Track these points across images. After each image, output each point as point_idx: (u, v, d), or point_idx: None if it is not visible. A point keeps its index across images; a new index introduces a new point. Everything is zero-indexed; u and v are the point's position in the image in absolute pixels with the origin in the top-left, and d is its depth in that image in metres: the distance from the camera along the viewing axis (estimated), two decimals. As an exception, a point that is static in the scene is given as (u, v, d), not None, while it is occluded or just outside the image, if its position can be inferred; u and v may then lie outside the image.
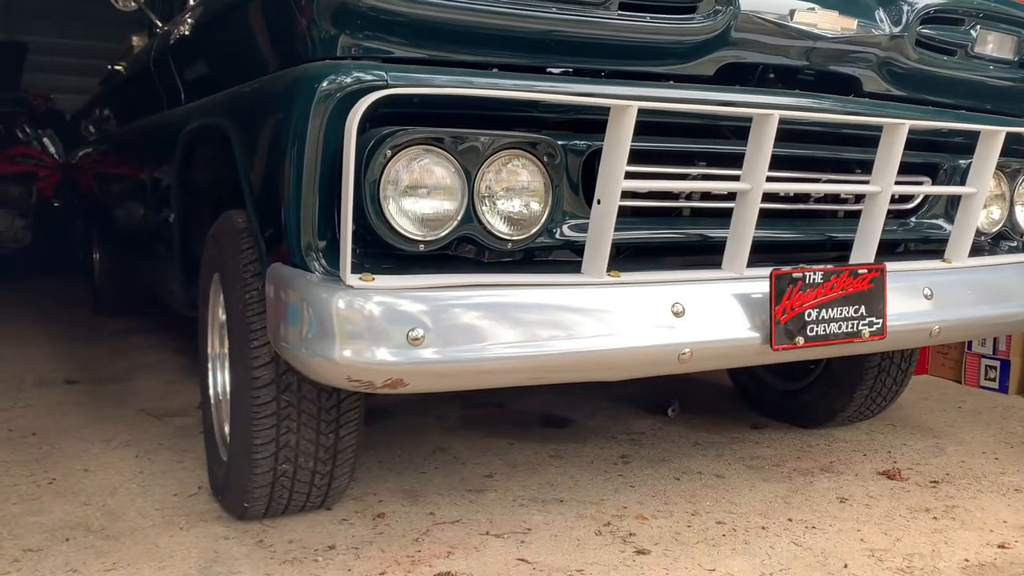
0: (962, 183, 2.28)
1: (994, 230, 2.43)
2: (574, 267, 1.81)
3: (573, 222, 1.86)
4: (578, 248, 1.83)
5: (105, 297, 5.08)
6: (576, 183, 1.85)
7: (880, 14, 2.13)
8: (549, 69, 1.84)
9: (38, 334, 4.65)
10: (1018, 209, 2.45)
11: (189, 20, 2.55)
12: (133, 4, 3.02)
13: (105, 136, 4.28)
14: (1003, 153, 2.23)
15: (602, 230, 1.74)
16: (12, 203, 6.44)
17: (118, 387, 3.53)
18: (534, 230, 1.76)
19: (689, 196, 2.01)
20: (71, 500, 2.33)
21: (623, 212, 1.78)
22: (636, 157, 1.77)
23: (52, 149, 6.67)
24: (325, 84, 1.60)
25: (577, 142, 1.82)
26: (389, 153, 1.60)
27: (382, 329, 1.58)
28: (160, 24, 2.99)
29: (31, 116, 7.05)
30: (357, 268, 1.62)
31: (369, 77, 1.61)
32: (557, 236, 1.85)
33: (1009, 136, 2.23)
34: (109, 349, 4.27)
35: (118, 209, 3.84)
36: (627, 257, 2.01)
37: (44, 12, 8.31)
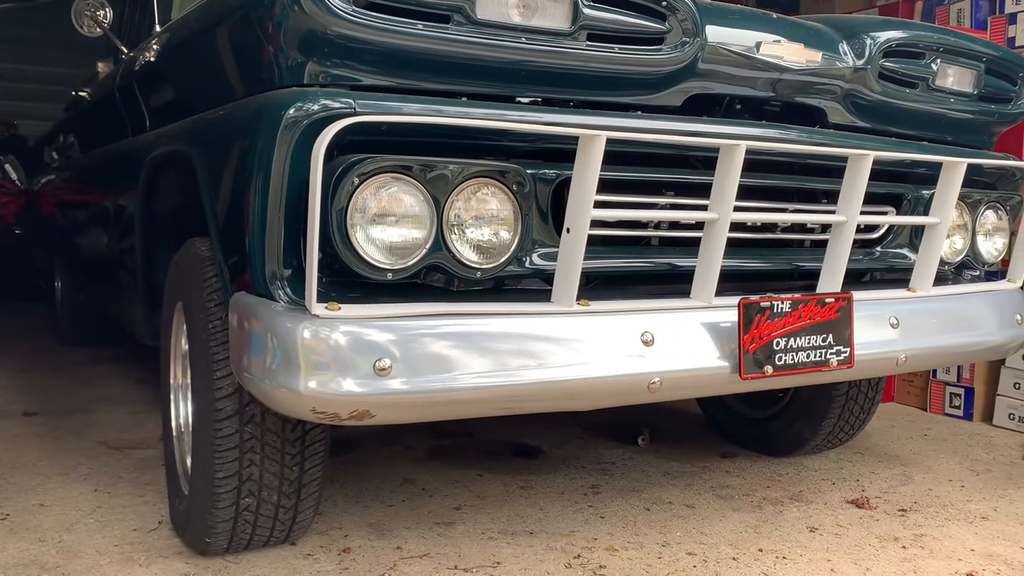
0: (926, 213, 2.31)
1: (957, 259, 2.46)
2: (544, 296, 1.80)
3: (543, 251, 1.85)
4: (548, 277, 1.82)
5: (67, 326, 4.98)
6: (545, 212, 1.84)
7: (844, 47, 2.17)
8: (518, 98, 1.84)
9: (-4, 364, 4.54)
10: (980, 239, 2.49)
11: (155, 46, 2.52)
12: (98, 30, 2.99)
13: (68, 163, 4.21)
14: (964, 184, 2.26)
15: (571, 259, 1.74)
16: (-28, 230, 6.31)
17: (78, 419, 3.45)
18: (503, 259, 1.75)
19: (658, 225, 2.02)
20: (25, 537, 2.25)
21: (593, 241, 1.78)
22: (605, 186, 1.76)
23: (14, 176, 6.56)
24: (292, 111, 1.59)
25: (546, 171, 1.82)
26: (357, 181, 1.58)
27: (348, 359, 1.56)
28: (125, 50, 2.96)
29: (-7, 143, 6.93)
30: (323, 297, 1.60)
31: (336, 104, 1.60)
32: (527, 265, 1.83)
33: (970, 167, 2.26)
34: (70, 379, 4.18)
35: (81, 237, 3.77)
36: (597, 286, 2.00)
37: (7, 38, 8.22)
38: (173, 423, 2.32)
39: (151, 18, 2.88)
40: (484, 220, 1.71)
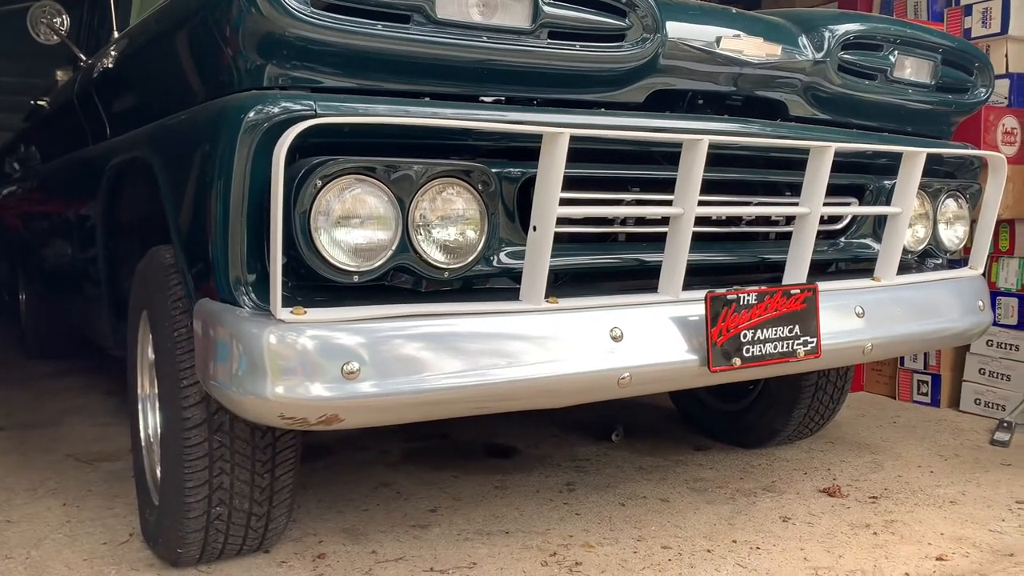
0: (888, 203, 2.34)
1: (920, 248, 2.50)
2: (513, 294, 1.80)
3: (510, 249, 1.85)
4: (516, 275, 1.82)
5: (33, 339, 4.90)
6: (512, 210, 1.84)
7: (803, 40, 2.19)
8: (482, 97, 1.84)
9: (-41, 380, 4.45)
10: (941, 227, 2.52)
11: (113, 52, 2.49)
12: (55, 37, 2.94)
13: (29, 173, 4.14)
14: (924, 174, 2.29)
15: (539, 257, 1.74)
16: (-68, 244, 6.18)
17: (46, 432, 3.39)
18: (471, 258, 1.74)
19: (624, 221, 2.02)
20: (-8, 554, 2.21)
21: (560, 238, 1.78)
22: (571, 184, 1.77)
23: (-26, 187, 6.43)
24: (252, 114, 1.57)
25: (512, 170, 1.82)
26: (319, 183, 1.57)
27: (316, 363, 1.55)
28: (84, 57, 2.92)
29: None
30: (289, 301, 1.59)
31: (297, 107, 1.58)
32: (494, 264, 1.83)
33: (930, 157, 2.30)
34: (37, 392, 4.11)
35: (44, 248, 3.71)
36: (565, 283, 2.01)
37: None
38: (142, 434, 2.29)
39: (109, 24, 2.85)
40: (450, 220, 1.70)
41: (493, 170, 1.75)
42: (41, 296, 4.41)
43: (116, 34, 2.73)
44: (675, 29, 1.96)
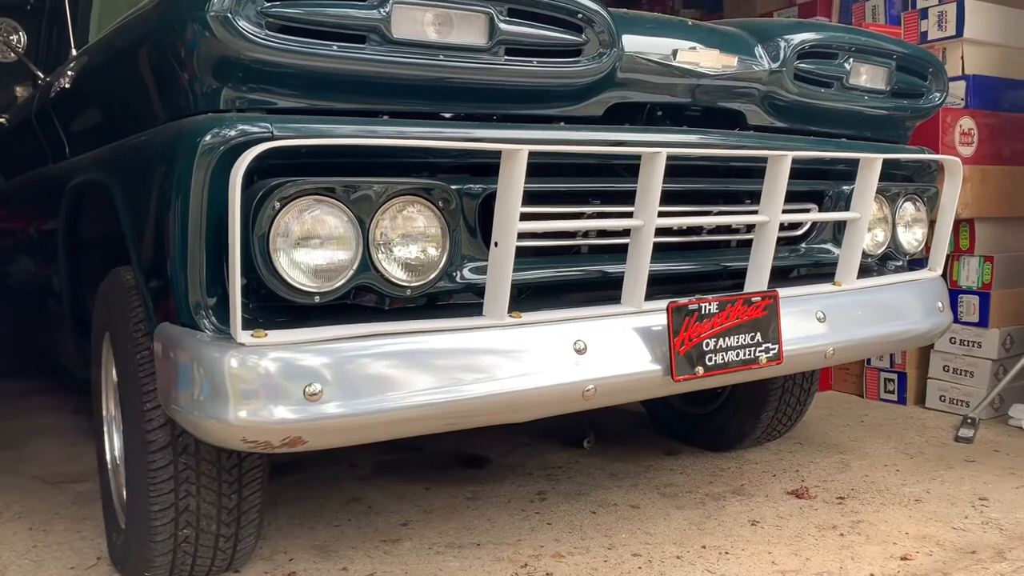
0: (846, 208, 2.37)
1: (879, 251, 2.53)
2: (477, 309, 1.80)
3: (473, 265, 1.85)
4: (480, 290, 1.82)
5: (-3, 357, 4.82)
6: (473, 226, 1.85)
7: (759, 51, 2.22)
8: (441, 114, 1.85)
9: (-77, 401, 4.38)
10: (900, 230, 2.56)
11: (70, 72, 2.47)
12: (12, 55, 2.91)
13: (-10, 190, 4.08)
14: (882, 178, 2.33)
15: (501, 272, 1.75)
16: None
17: (11, 453, 3.34)
18: (433, 275, 1.74)
19: (587, 234, 2.04)
20: (-45, 583, 2.19)
21: (522, 252, 1.79)
22: (531, 198, 1.78)
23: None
24: (208, 138, 1.56)
25: (472, 186, 1.82)
26: (278, 205, 1.56)
27: (278, 386, 1.54)
28: (42, 76, 2.89)
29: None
30: (250, 324, 1.58)
31: (254, 129, 1.58)
32: (458, 280, 1.84)
33: (887, 162, 2.34)
34: (2, 413, 4.05)
35: (6, 266, 3.66)
36: (529, 296, 2.02)
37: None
38: (108, 456, 2.27)
39: (67, 41, 2.83)
40: (411, 238, 1.71)
41: (453, 187, 1.75)
42: (4, 313, 4.35)
43: (74, 51, 2.71)
44: (631, 43, 1.97)
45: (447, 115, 1.86)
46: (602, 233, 2.04)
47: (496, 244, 1.74)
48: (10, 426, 3.78)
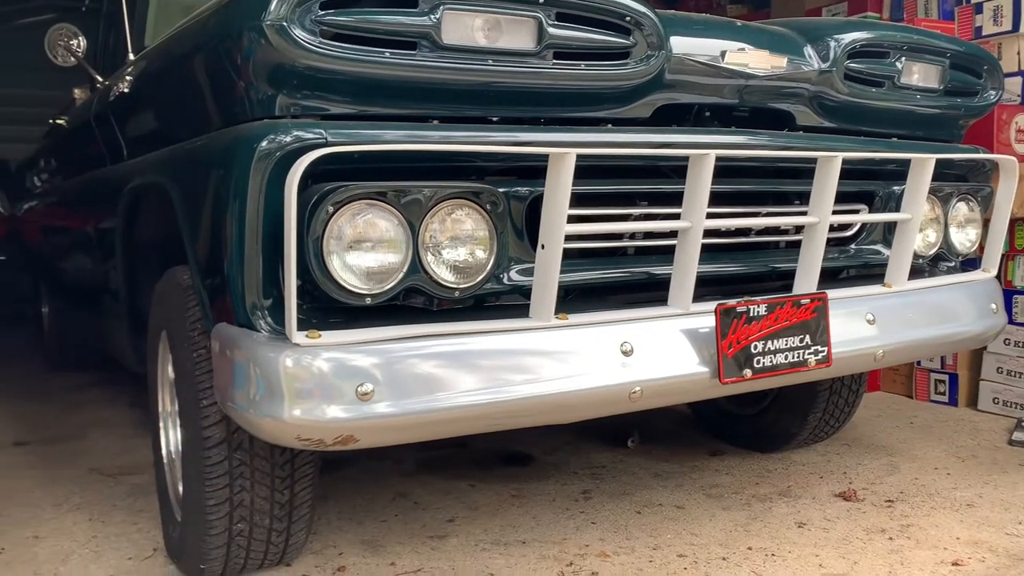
0: (897, 209, 2.34)
1: (931, 252, 2.50)
2: (523, 311, 1.82)
3: (520, 267, 1.87)
4: (527, 292, 1.84)
5: (56, 351, 4.97)
6: (520, 229, 1.87)
7: (809, 51, 2.20)
8: (489, 118, 1.86)
9: (-14, 393, 4.54)
10: (952, 231, 2.52)
11: (128, 76, 2.54)
12: (72, 60, 3.00)
13: (51, 189, 4.21)
14: (935, 178, 2.29)
15: (547, 274, 1.76)
16: (-43, 258, 6.31)
17: (70, 446, 3.45)
18: (480, 277, 1.77)
19: (633, 235, 2.04)
20: (21, 571, 2.27)
21: (569, 254, 1.80)
22: (578, 200, 1.79)
23: (-3, 203, 6.55)
24: (264, 144, 1.60)
25: (519, 189, 1.84)
26: (331, 209, 1.60)
27: (331, 386, 1.58)
28: (101, 79, 2.97)
29: (-26, 169, 6.91)
30: (304, 325, 1.62)
31: (308, 135, 1.62)
32: (504, 282, 1.86)
33: (940, 161, 2.30)
34: (61, 406, 4.18)
35: (65, 263, 3.78)
36: (575, 298, 2.03)
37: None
38: (163, 450, 2.34)
39: (124, 45, 2.90)
40: (459, 241, 1.73)
41: (501, 190, 1.77)
42: (63, 310, 4.49)
43: (131, 56, 2.78)
44: (680, 44, 1.97)
45: (494, 119, 1.87)
46: (649, 234, 2.04)
47: (543, 246, 1.76)
48: (68, 419, 3.91)
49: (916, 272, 2.44)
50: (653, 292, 2.05)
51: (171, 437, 2.33)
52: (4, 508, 2.73)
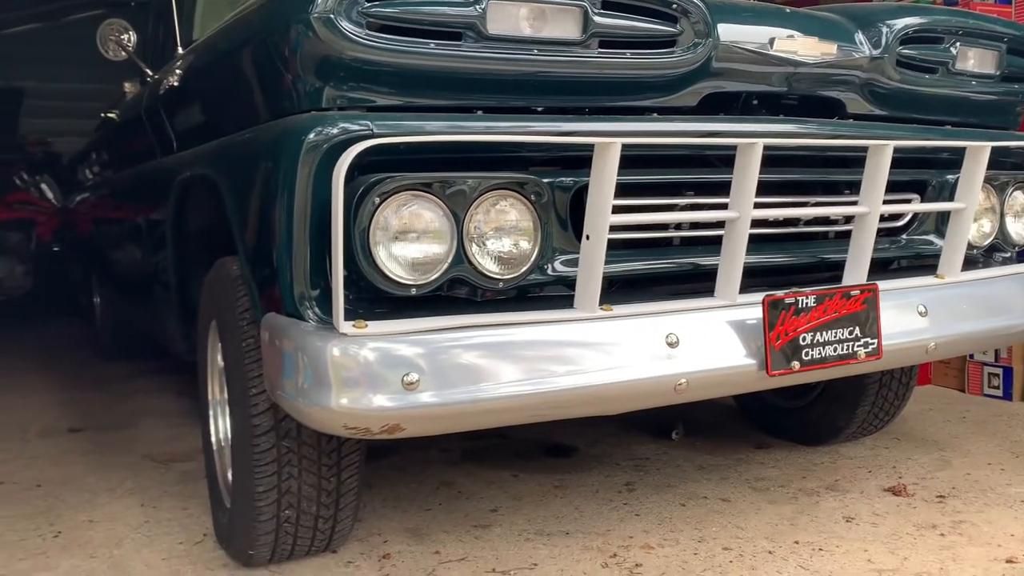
0: (951, 198, 2.29)
1: (986, 243, 2.44)
2: (568, 302, 1.82)
3: (564, 258, 1.87)
4: (571, 283, 1.84)
5: (108, 341, 5.09)
6: (565, 219, 1.86)
7: (860, 37, 2.15)
8: (534, 108, 1.86)
9: (42, 381, 4.66)
10: (1008, 221, 2.46)
11: (178, 70, 2.58)
12: (123, 54, 3.05)
13: (101, 181, 4.31)
14: (990, 166, 2.24)
15: (592, 265, 1.75)
16: (12, 249, 6.49)
17: (122, 433, 3.54)
18: (524, 268, 1.77)
19: (679, 225, 2.02)
20: (77, 553, 2.33)
21: (613, 245, 1.79)
22: (623, 190, 1.78)
23: (50, 194, 6.72)
24: (312, 136, 1.62)
25: (564, 179, 1.84)
26: (377, 200, 1.61)
27: (378, 375, 1.59)
28: (151, 73, 3.02)
29: (28, 162, 7.10)
30: (350, 315, 1.63)
31: (355, 127, 1.63)
32: (549, 272, 1.86)
33: (995, 149, 2.24)
34: (113, 394, 4.28)
35: (116, 254, 3.86)
36: (619, 289, 2.02)
37: (37, 56, 8.37)
38: (213, 437, 2.38)
39: (174, 39, 2.95)
40: (504, 231, 1.73)
41: (545, 180, 1.77)
42: (114, 300, 4.59)
43: (180, 50, 2.83)
44: (727, 32, 1.95)
45: (539, 109, 1.87)
46: (695, 225, 2.03)
47: (588, 237, 1.75)
48: (120, 407, 4.00)
49: (970, 263, 2.38)
50: (698, 283, 2.03)
51: (220, 425, 2.37)
52: (60, 493, 2.81)
